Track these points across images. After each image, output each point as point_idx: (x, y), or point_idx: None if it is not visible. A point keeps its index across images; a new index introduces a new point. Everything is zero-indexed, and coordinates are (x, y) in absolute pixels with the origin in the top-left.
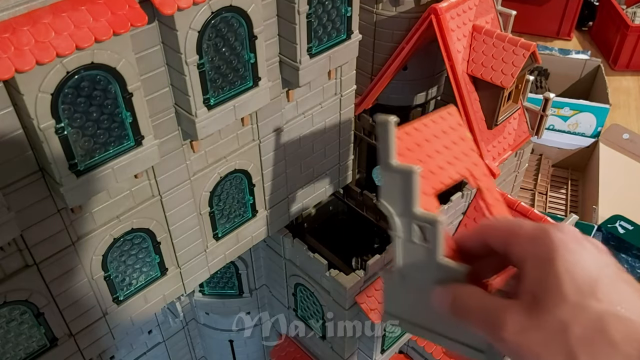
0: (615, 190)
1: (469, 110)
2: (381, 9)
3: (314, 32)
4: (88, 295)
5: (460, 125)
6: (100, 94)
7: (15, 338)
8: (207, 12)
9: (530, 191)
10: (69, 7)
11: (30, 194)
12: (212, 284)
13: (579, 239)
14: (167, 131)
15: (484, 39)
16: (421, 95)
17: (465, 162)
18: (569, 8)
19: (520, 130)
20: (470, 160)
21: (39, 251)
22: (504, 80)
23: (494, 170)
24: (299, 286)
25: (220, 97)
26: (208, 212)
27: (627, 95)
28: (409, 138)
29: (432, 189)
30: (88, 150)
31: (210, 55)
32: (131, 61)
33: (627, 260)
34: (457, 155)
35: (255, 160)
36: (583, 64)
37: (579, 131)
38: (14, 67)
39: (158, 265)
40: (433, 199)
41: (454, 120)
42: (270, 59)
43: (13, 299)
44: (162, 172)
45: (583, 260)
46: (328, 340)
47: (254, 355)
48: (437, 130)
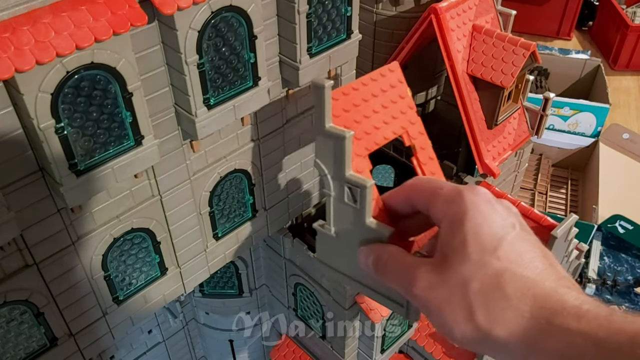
0: (615, 190)
1: (469, 109)
2: (381, 8)
3: (314, 31)
4: (88, 295)
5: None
6: (100, 93)
7: (15, 338)
8: (207, 11)
9: (530, 191)
10: (69, 6)
11: (30, 193)
12: (212, 283)
13: (490, 201)
14: (167, 131)
15: (484, 39)
16: (421, 94)
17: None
18: (569, 8)
19: (520, 129)
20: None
21: (39, 251)
22: (503, 79)
23: (494, 170)
24: (299, 286)
25: (220, 96)
26: (208, 211)
27: (627, 95)
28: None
29: (365, 149)
30: (88, 150)
31: (210, 55)
32: (131, 61)
33: (627, 260)
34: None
35: (256, 160)
36: (583, 64)
37: (579, 131)
38: (14, 66)
39: (158, 265)
40: (365, 159)
41: (394, 77)
42: (270, 58)
43: (13, 299)
44: (162, 172)
45: (490, 221)
46: (328, 340)
47: (254, 355)
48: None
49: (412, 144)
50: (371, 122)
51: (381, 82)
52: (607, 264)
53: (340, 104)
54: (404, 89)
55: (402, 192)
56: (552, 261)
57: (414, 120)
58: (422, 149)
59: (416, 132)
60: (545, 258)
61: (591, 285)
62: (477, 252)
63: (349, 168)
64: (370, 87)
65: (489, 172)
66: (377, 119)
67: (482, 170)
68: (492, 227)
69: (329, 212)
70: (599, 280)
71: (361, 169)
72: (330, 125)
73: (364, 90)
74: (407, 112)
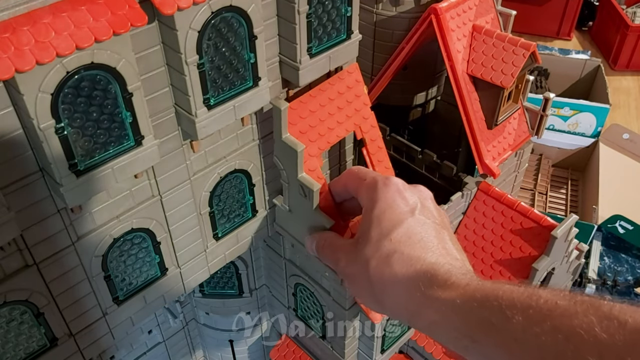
0: (615, 190)
1: (469, 110)
2: (381, 8)
3: (314, 32)
4: (88, 295)
5: (358, 82)
6: (100, 94)
7: (15, 338)
8: (207, 12)
9: (530, 191)
10: (69, 7)
11: (30, 194)
12: (212, 283)
13: (399, 189)
14: (167, 131)
15: (484, 39)
16: (421, 95)
17: (355, 118)
18: (569, 8)
19: (520, 130)
20: (360, 115)
21: (39, 251)
22: (504, 80)
23: (494, 170)
24: (299, 286)
25: (220, 97)
26: (208, 212)
27: (627, 95)
28: (304, 106)
29: (318, 150)
30: (88, 150)
31: (210, 55)
32: (131, 61)
33: (627, 260)
34: (349, 112)
35: (256, 160)
36: (583, 64)
37: (579, 131)
38: (14, 67)
39: (158, 265)
40: (318, 159)
41: (352, 78)
42: (270, 58)
43: (13, 299)
44: (162, 172)
45: (393, 208)
46: (328, 340)
47: (254, 355)
48: (334, 92)
49: (363, 137)
50: (326, 125)
51: (339, 85)
52: (607, 264)
53: (298, 112)
54: (361, 87)
55: (341, 180)
56: (443, 239)
57: (367, 116)
58: (372, 141)
59: (368, 126)
60: (437, 238)
61: (591, 285)
62: (376, 236)
63: (301, 170)
64: (328, 93)
65: (489, 172)
66: (331, 121)
67: (482, 171)
68: (393, 214)
69: (285, 195)
70: (599, 281)
71: (313, 167)
72: (285, 137)
73: (321, 96)
74: (362, 109)
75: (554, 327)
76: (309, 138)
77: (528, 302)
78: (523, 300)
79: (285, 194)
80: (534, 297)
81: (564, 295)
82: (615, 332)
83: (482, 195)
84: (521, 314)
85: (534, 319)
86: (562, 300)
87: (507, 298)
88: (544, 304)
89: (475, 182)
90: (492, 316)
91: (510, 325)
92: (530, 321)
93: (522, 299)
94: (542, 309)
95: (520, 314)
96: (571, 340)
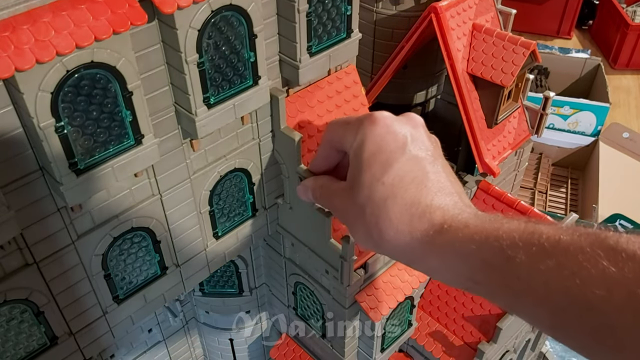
0: (615, 189)
1: (469, 108)
2: (381, 7)
3: (314, 30)
4: (88, 294)
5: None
6: (100, 92)
7: (16, 337)
8: (207, 10)
9: (530, 190)
10: (68, 5)
11: (30, 192)
12: (212, 282)
13: (386, 124)
14: (167, 130)
15: (484, 38)
16: (421, 94)
17: None
18: (569, 7)
19: (520, 129)
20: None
21: (39, 250)
22: (503, 78)
23: (494, 169)
24: (299, 285)
25: (220, 95)
26: (208, 210)
27: (627, 94)
28: (302, 101)
29: (316, 145)
30: (88, 149)
31: (210, 54)
32: (131, 60)
33: None
34: (347, 111)
35: (255, 159)
36: (583, 63)
37: (579, 130)
38: (13, 65)
39: (158, 264)
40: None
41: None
42: (270, 57)
43: (13, 298)
44: (162, 171)
45: (383, 147)
46: (328, 339)
47: (254, 354)
48: (332, 90)
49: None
50: (324, 121)
51: (337, 84)
52: None
53: (297, 105)
54: (358, 88)
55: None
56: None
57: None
58: None
59: None
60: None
61: None
62: (368, 180)
63: (300, 162)
64: (326, 90)
65: (489, 171)
66: (329, 118)
67: (482, 169)
68: (383, 155)
69: (286, 191)
70: None
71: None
72: (284, 127)
73: (319, 92)
74: (359, 108)
75: (559, 263)
76: (308, 132)
77: (530, 240)
78: (525, 239)
79: (286, 189)
80: (536, 235)
81: (566, 230)
82: (624, 265)
83: (482, 194)
84: (524, 253)
85: (538, 257)
86: (565, 235)
87: (508, 237)
88: (546, 241)
89: (475, 180)
90: (493, 258)
91: (512, 265)
92: (534, 259)
93: (523, 238)
94: (545, 246)
95: (523, 253)
96: (578, 275)
